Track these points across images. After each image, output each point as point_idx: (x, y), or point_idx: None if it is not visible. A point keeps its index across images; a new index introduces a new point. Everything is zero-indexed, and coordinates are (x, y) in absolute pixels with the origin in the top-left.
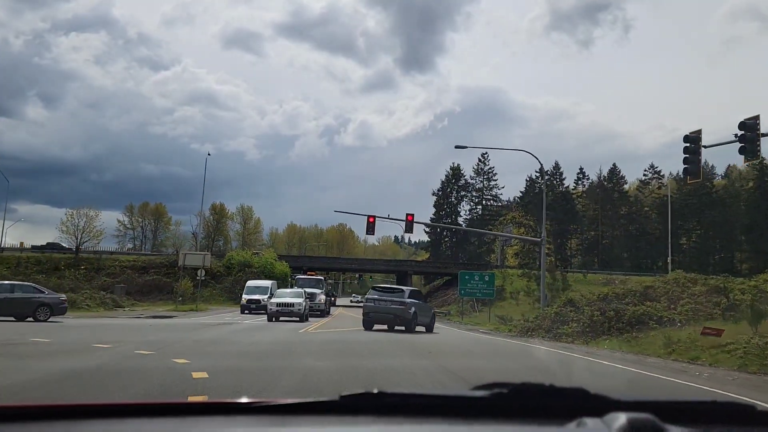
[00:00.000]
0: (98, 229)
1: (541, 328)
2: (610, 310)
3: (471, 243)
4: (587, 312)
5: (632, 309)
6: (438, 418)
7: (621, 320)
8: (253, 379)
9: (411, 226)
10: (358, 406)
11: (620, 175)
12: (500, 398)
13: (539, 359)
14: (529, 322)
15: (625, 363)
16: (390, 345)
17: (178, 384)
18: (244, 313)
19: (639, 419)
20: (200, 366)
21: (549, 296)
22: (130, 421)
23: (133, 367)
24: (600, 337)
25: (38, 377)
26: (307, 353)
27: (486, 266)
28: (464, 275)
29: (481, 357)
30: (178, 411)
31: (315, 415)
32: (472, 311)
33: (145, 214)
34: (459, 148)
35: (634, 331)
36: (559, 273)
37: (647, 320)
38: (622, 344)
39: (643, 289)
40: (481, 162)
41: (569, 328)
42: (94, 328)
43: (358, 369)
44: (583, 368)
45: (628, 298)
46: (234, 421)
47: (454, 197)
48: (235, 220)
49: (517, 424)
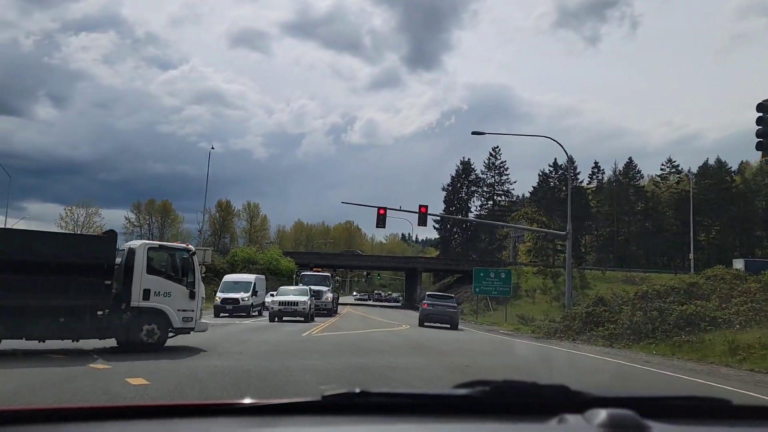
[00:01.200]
0: (99, 225)
1: (570, 329)
2: (652, 310)
3: (481, 240)
4: (626, 312)
5: (679, 308)
6: (421, 417)
7: (666, 321)
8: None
9: (424, 219)
10: (340, 405)
11: (636, 170)
12: (483, 396)
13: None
14: (556, 322)
15: (695, 374)
16: (421, 356)
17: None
18: (221, 317)
19: (619, 415)
20: (160, 388)
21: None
22: (114, 423)
23: (74, 387)
24: (643, 340)
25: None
26: (306, 369)
27: (498, 263)
28: (479, 272)
29: (545, 373)
30: (160, 413)
31: (298, 416)
32: (486, 310)
33: (152, 212)
34: (476, 134)
35: (683, 333)
36: (577, 270)
37: (698, 321)
38: (675, 349)
39: (687, 287)
40: (492, 156)
41: (605, 330)
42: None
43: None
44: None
45: (671, 296)
46: (216, 423)
47: (465, 192)
48: (242, 218)
49: (499, 422)
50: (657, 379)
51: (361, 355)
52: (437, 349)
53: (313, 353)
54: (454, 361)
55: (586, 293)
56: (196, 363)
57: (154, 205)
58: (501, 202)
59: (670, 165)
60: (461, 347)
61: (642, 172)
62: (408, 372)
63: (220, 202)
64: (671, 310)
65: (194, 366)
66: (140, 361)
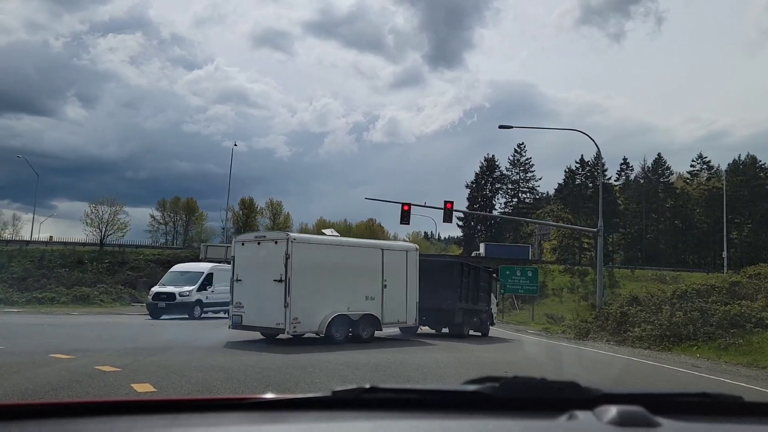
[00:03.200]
0: (122, 222)
1: (603, 329)
2: (693, 310)
3: (506, 238)
4: (665, 312)
5: (722, 309)
6: (430, 413)
7: (709, 323)
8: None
9: (450, 215)
10: (350, 401)
11: (666, 166)
12: (492, 392)
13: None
14: (588, 322)
15: (756, 381)
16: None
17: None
18: (158, 319)
19: (629, 411)
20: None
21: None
22: (123, 418)
23: (83, 390)
24: (683, 342)
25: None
26: (323, 368)
27: (523, 262)
28: (505, 270)
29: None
30: (170, 408)
31: (307, 411)
32: (512, 309)
33: (176, 209)
34: (503, 127)
35: (728, 336)
36: (605, 269)
37: (743, 323)
38: (720, 353)
39: (729, 286)
40: (517, 153)
41: (641, 330)
42: (72, 329)
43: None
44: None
45: (713, 296)
46: (226, 418)
47: (489, 190)
48: (265, 215)
49: (508, 418)
50: (736, 391)
51: (383, 359)
52: (464, 348)
53: (332, 350)
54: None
55: (614, 292)
56: (208, 365)
57: (179, 203)
58: (526, 200)
59: (701, 161)
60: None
61: (671, 169)
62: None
63: (243, 199)
64: (713, 311)
65: (204, 367)
66: (150, 361)
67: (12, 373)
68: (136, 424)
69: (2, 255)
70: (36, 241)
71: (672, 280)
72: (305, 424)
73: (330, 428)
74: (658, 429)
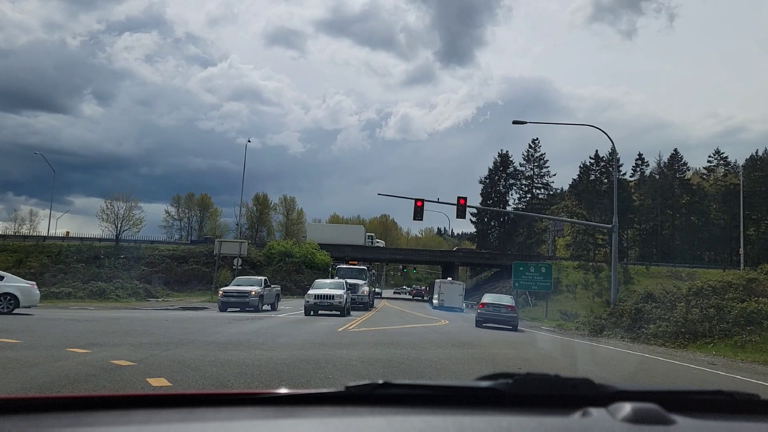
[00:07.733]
0: (138, 217)
1: (618, 326)
2: (709, 307)
3: (519, 234)
4: (681, 309)
5: (739, 306)
6: (443, 408)
7: (725, 320)
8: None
9: (463, 210)
10: (363, 396)
11: (682, 162)
12: (506, 388)
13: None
14: (602, 319)
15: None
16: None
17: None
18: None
19: (644, 409)
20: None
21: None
22: (139, 412)
23: (99, 384)
24: (699, 339)
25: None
26: (341, 366)
27: (537, 258)
28: (518, 266)
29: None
30: (182, 402)
31: (320, 406)
32: (525, 305)
33: (191, 205)
34: (517, 123)
35: (745, 333)
36: (620, 265)
37: (760, 320)
38: (737, 350)
39: (746, 282)
40: (531, 148)
41: (657, 327)
42: (88, 324)
43: None
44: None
45: (729, 292)
46: (239, 412)
47: (502, 185)
48: (278, 211)
49: (521, 414)
50: (752, 389)
51: (402, 351)
52: (478, 344)
53: (349, 353)
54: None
55: (629, 288)
56: (223, 359)
57: (194, 199)
58: (540, 195)
59: (718, 157)
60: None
61: (688, 165)
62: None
63: (257, 195)
64: (730, 308)
65: (221, 361)
66: (165, 355)
67: (29, 366)
68: (152, 417)
69: (20, 250)
70: (53, 236)
71: (687, 276)
72: (318, 419)
73: (343, 423)
74: (672, 427)
